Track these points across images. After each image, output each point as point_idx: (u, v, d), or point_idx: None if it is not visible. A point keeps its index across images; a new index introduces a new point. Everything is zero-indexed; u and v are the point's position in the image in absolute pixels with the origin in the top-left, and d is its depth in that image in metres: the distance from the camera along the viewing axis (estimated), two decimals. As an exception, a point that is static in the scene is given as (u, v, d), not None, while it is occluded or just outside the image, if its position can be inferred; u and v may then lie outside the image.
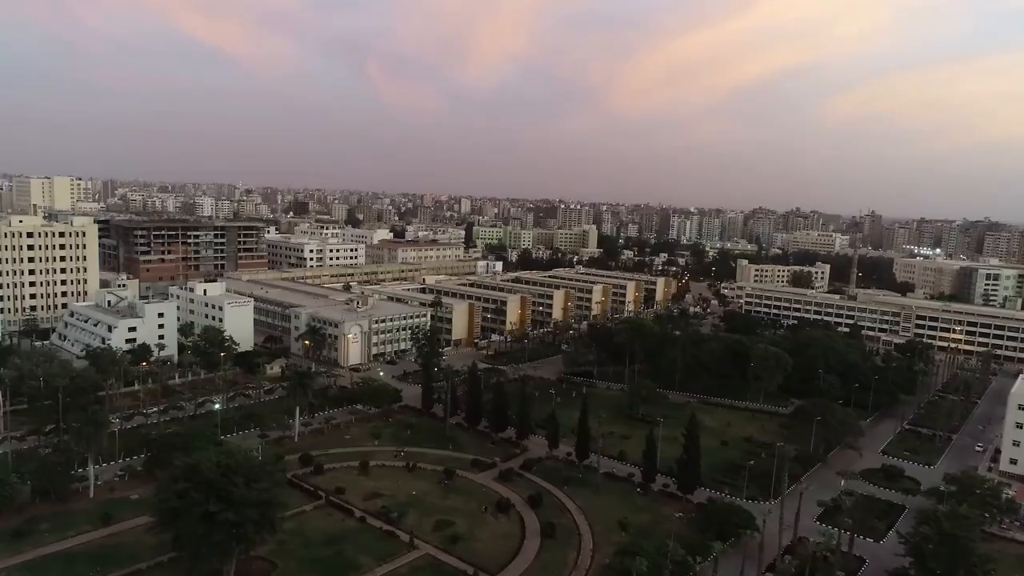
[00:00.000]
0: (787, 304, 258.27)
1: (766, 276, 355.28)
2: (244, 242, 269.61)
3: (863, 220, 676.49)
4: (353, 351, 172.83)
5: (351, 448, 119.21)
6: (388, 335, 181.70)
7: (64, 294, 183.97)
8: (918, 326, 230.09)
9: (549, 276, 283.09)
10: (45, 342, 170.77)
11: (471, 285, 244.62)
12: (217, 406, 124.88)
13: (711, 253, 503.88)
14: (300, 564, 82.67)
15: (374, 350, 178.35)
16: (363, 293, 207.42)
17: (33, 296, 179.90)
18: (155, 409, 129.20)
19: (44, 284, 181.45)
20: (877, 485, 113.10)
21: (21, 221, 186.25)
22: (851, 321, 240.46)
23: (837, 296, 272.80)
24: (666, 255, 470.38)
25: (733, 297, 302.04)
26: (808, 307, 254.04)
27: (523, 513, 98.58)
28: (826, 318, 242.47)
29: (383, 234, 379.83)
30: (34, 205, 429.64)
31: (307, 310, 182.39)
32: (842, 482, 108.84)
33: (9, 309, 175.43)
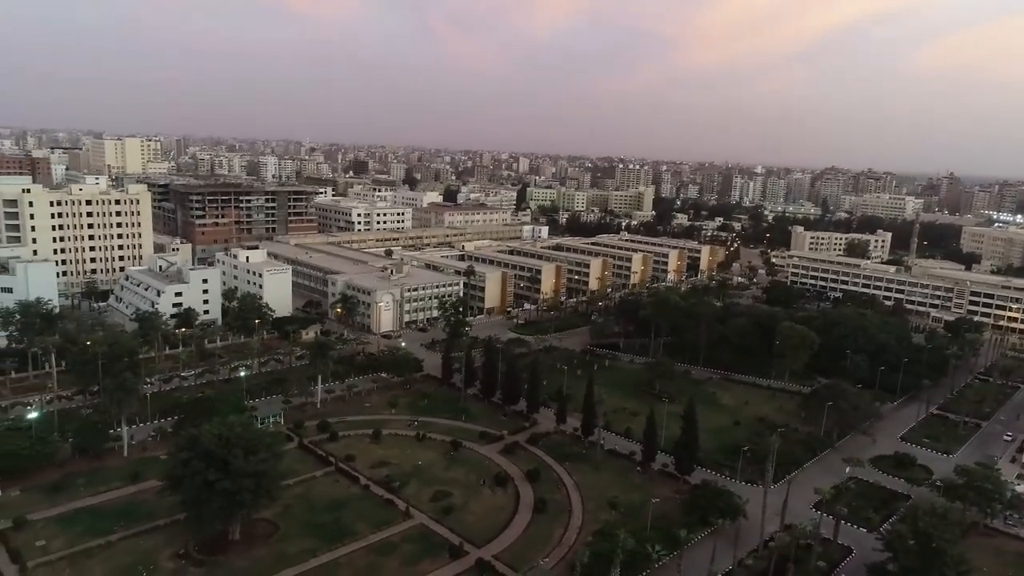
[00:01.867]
0: (835, 276, 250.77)
1: (822, 244, 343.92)
2: (294, 206, 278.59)
3: (939, 182, 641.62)
4: (385, 318, 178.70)
5: (368, 416, 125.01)
6: (420, 303, 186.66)
7: (121, 258, 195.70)
8: (972, 303, 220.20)
9: (591, 243, 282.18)
10: (103, 303, 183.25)
11: (510, 252, 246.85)
12: (243, 372, 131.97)
13: (770, 217, 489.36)
14: (300, 527, 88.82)
15: (406, 317, 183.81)
16: (401, 260, 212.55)
17: (93, 260, 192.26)
18: (192, 372, 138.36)
19: (103, 248, 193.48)
20: (885, 473, 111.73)
21: (81, 189, 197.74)
22: (901, 295, 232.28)
23: (891, 268, 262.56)
24: (721, 219, 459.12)
25: (782, 266, 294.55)
26: (857, 279, 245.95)
27: (520, 487, 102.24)
28: (874, 291, 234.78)
29: (432, 197, 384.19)
30: (108, 166, 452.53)
31: (343, 277, 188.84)
32: (847, 469, 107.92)
33: (72, 272, 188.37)
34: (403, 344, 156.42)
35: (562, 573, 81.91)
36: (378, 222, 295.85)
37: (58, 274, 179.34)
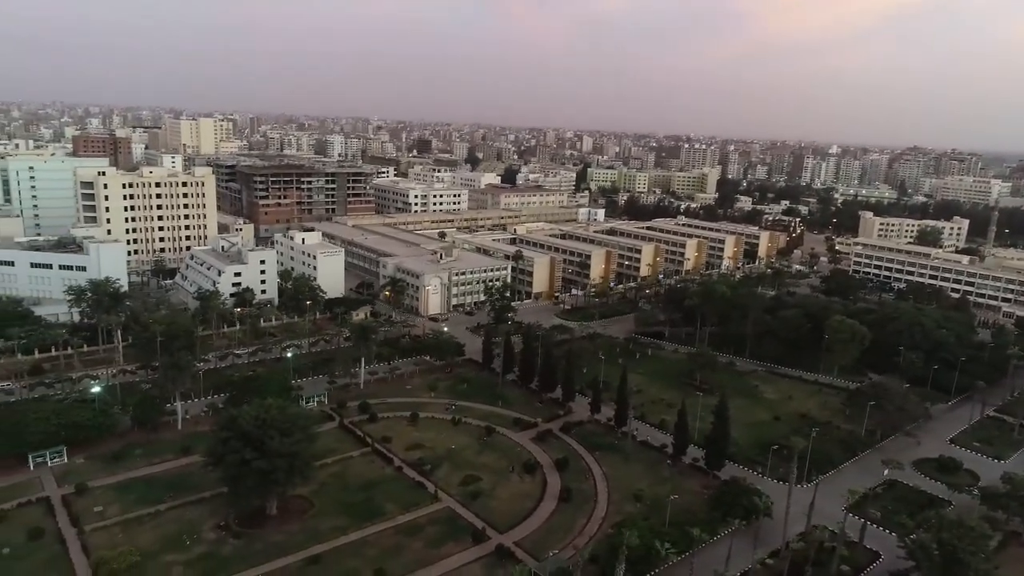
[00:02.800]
0: (900, 265, 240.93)
1: (892, 230, 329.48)
2: (353, 188, 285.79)
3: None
4: (433, 301, 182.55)
5: (407, 398, 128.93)
6: (468, 287, 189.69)
7: (188, 238, 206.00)
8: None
9: (645, 227, 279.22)
10: (170, 281, 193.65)
11: (561, 236, 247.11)
12: (290, 353, 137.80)
13: (840, 200, 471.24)
14: (334, 505, 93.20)
15: (454, 301, 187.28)
16: (452, 243, 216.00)
17: (162, 239, 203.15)
18: (246, 351, 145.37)
19: (170, 228, 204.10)
20: (927, 477, 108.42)
21: (151, 172, 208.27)
22: (971, 288, 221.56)
23: (964, 258, 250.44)
24: (787, 202, 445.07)
25: (846, 254, 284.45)
26: (924, 270, 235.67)
27: (548, 475, 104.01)
28: (942, 283, 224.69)
29: (490, 178, 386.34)
30: (183, 145, 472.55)
31: (394, 260, 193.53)
32: (885, 471, 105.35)
33: (142, 251, 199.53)
34: (445, 329, 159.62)
35: (582, 563, 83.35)
36: (434, 204, 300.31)
37: (129, 253, 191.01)
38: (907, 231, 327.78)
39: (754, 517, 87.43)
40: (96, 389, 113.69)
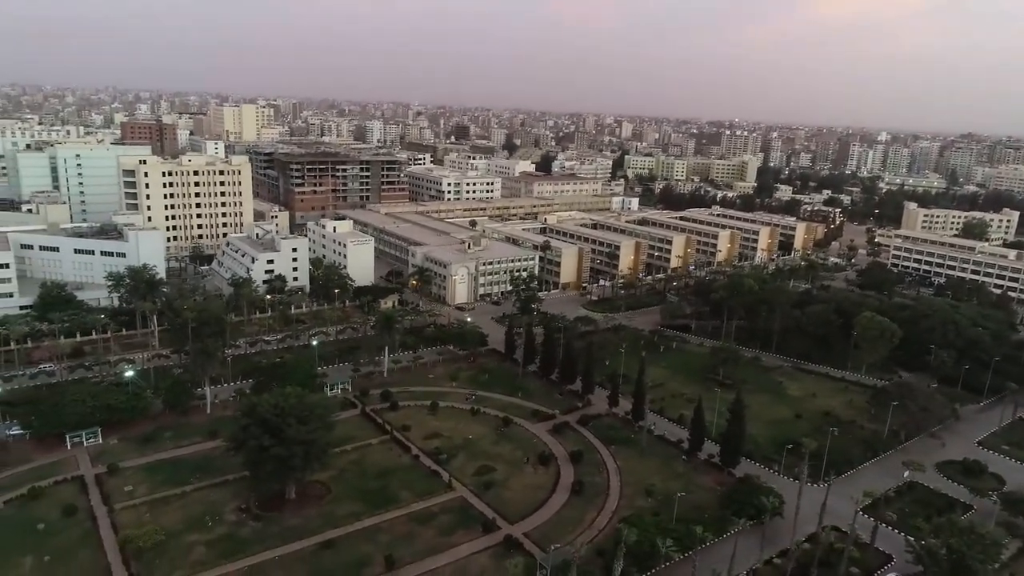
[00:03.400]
0: (940, 259, 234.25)
1: (936, 222, 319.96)
2: (387, 175, 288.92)
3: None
4: (460, 291, 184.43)
5: (429, 388, 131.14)
6: (495, 276, 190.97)
7: (224, 225, 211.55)
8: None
9: (678, 217, 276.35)
10: (207, 266, 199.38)
11: (592, 226, 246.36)
12: (315, 341, 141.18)
13: (885, 190, 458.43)
14: (350, 492, 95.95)
15: (481, 290, 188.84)
16: (481, 233, 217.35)
17: (200, 226, 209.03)
18: (275, 337, 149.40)
19: (208, 216, 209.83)
20: (950, 479, 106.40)
21: (190, 160, 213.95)
22: (1015, 284, 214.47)
23: (1011, 252, 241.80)
24: (829, 192, 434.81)
25: (887, 246, 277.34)
26: (966, 264, 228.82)
27: (562, 467, 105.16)
28: (984, 279, 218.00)
29: (525, 166, 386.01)
30: (226, 131, 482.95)
31: (423, 249, 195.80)
32: (905, 473, 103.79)
33: (181, 237, 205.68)
34: (469, 319, 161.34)
35: (589, 557, 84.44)
36: (467, 192, 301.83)
37: (169, 239, 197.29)
38: (953, 223, 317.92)
39: (764, 517, 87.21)
40: (129, 373, 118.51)
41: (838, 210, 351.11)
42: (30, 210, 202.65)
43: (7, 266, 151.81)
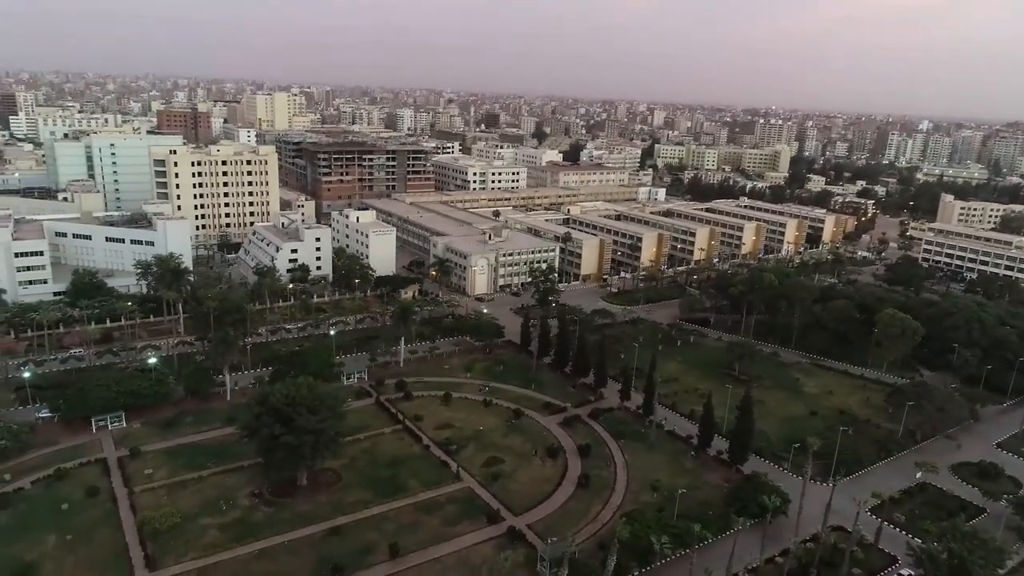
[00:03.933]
0: (973, 254, 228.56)
1: (973, 215, 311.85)
2: (412, 165, 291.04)
3: None
4: (480, 282, 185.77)
5: (443, 378, 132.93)
6: (515, 267, 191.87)
7: (252, 214, 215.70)
8: None
9: (704, 209, 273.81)
10: (234, 254, 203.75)
11: (616, 218, 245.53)
12: (333, 331, 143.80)
13: (921, 181, 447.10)
14: (360, 479, 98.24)
15: (501, 281, 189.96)
16: (503, 223, 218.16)
17: (227, 215, 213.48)
18: (296, 325, 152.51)
19: (236, 205, 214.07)
20: (964, 482, 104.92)
21: (219, 150, 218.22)
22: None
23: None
24: (864, 183, 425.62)
25: (919, 240, 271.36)
26: (1000, 260, 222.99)
27: (570, 460, 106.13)
28: (1019, 275, 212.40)
29: (552, 155, 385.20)
30: (259, 119, 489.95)
31: (444, 239, 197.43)
32: (917, 474, 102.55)
33: (210, 226, 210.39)
34: (485, 310, 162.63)
35: (591, 551, 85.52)
36: (493, 182, 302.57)
37: (197, 228, 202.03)
38: (991, 216, 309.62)
39: (768, 515, 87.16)
40: (153, 360, 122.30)
41: (871, 202, 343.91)
42: (66, 198, 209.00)
43: (41, 253, 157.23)
